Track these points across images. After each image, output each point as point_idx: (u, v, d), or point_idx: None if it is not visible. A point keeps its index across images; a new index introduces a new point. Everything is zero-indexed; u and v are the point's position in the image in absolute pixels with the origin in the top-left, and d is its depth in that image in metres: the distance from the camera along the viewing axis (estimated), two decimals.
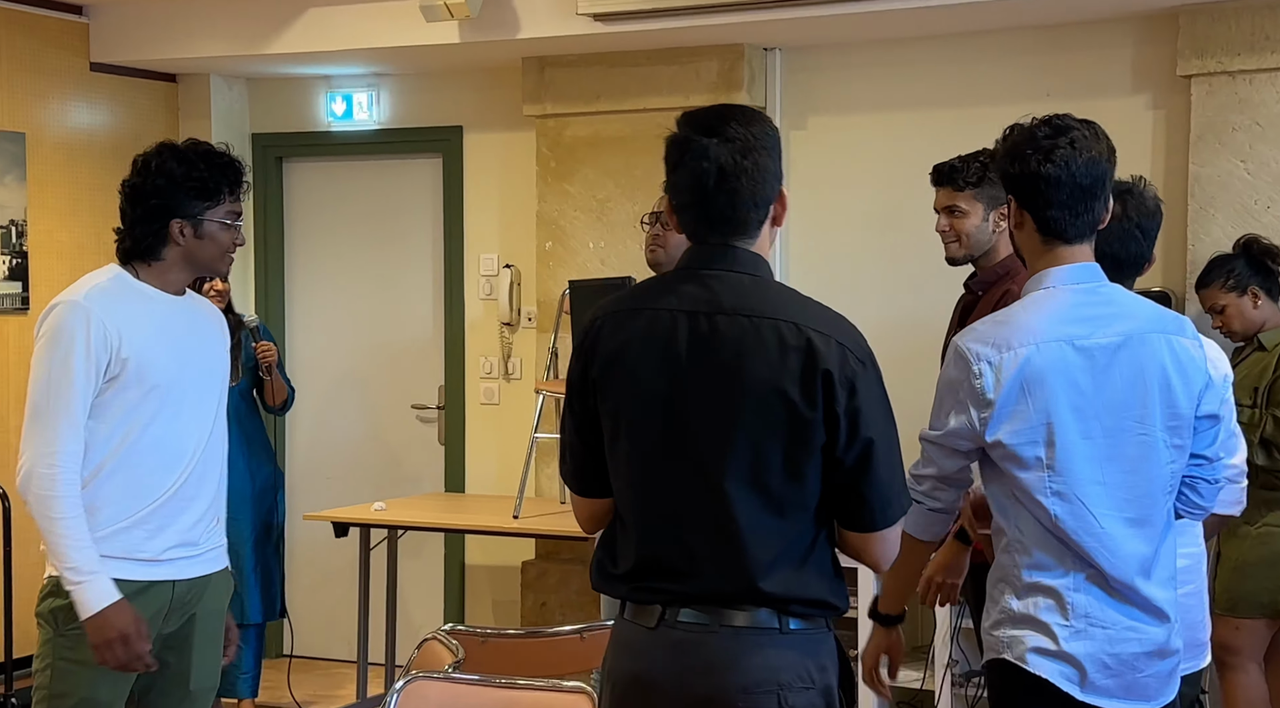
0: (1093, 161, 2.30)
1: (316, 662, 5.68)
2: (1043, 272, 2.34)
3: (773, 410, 1.98)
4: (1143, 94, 4.54)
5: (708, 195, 2.02)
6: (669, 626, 2.03)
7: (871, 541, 2.05)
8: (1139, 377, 2.29)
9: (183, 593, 2.77)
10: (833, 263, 5.00)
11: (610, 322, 2.07)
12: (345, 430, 5.76)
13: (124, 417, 2.69)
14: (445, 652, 2.75)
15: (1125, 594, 2.29)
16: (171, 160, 2.72)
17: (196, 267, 2.78)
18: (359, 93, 5.65)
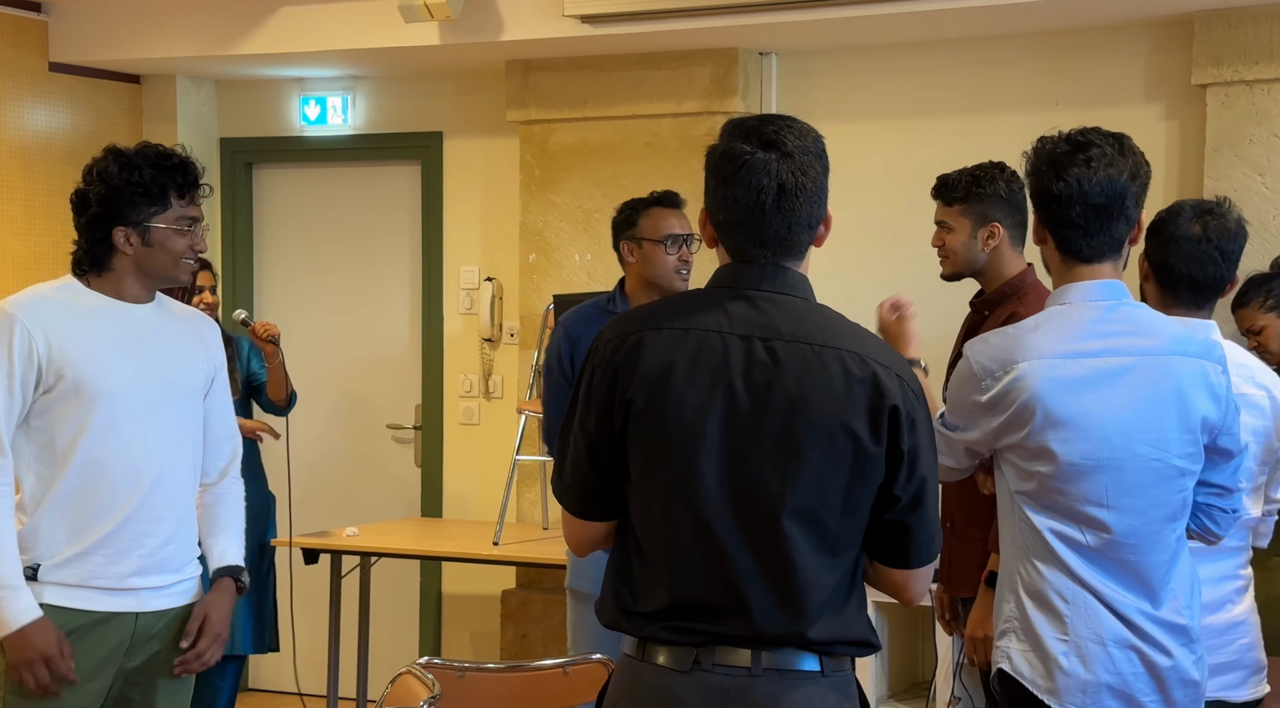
0: (1109, 180, 2.25)
1: (282, 697, 5.45)
2: (1063, 287, 2.34)
3: (837, 445, 1.90)
4: (1156, 104, 4.40)
5: (765, 214, 1.93)
6: (705, 670, 1.91)
7: (911, 577, 2.00)
8: (1153, 400, 2.26)
9: (147, 626, 2.64)
10: (831, 277, 4.80)
11: (653, 340, 1.93)
12: (316, 451, 5.55)
13: (68, 430, 2.57)
14: (421, 687, 2.65)
15: (1125, 616, 2.26)
16: (113, 165, 2.60)
17: (150, 276, 2.65)
18: (333, 96, 5.46)
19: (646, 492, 1.95)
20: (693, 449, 1.91)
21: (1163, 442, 2.26)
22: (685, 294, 2.03)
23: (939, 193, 3.35)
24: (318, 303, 5.60)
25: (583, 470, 1.99)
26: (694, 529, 1.92)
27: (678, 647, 1.93)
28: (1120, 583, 2.25)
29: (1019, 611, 2.30)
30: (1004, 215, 3.21)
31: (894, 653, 4.39)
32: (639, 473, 1.95)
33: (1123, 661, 2.25)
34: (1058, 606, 2.26)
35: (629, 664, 1.97)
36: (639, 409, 1.92)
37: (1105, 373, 2.24)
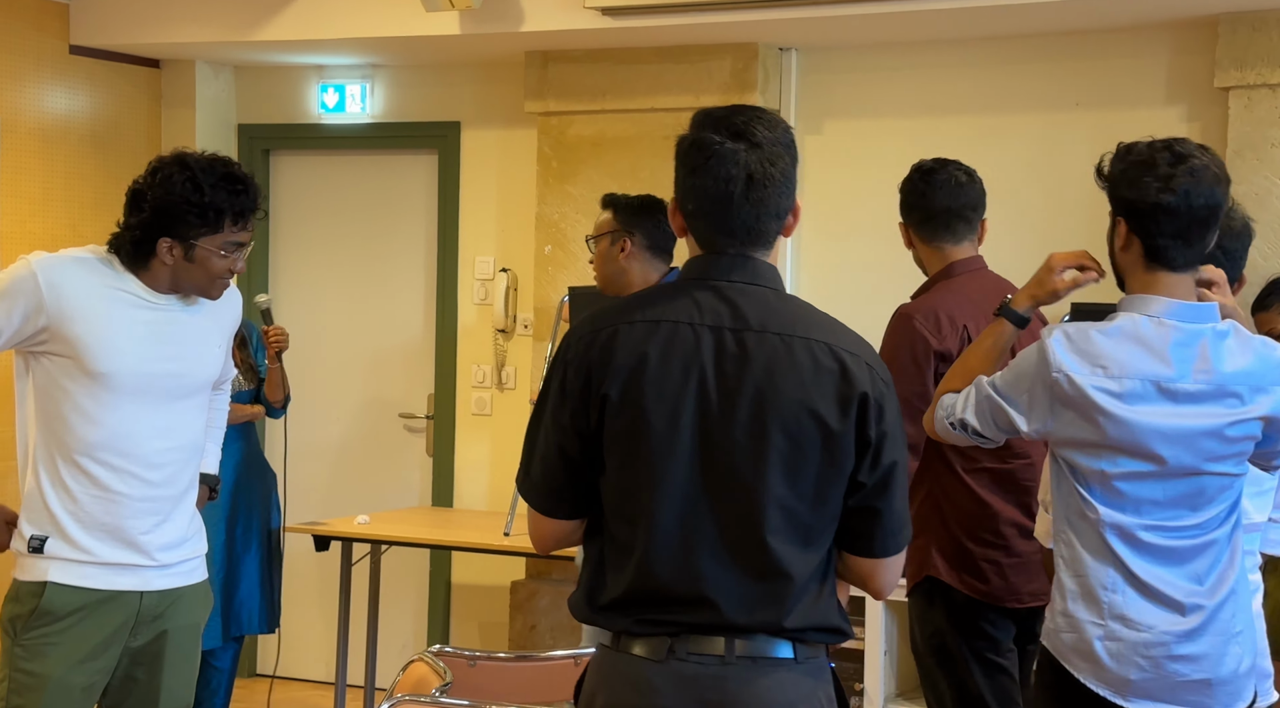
0: (1212, 192, 2.29)
1: (290, 682, 5.46)
2: (1149, 299, 2.32)
3: (806, 433, 1.92)
4: (1177, 106, 4.37)
5: (733, 204, 1.94)
6: (679, 659, 1.93)
7: (879, 567, 2.00)
8: (1206, 428, 2.30)
9: (151, 605, 2.65)
10: (847, 273, 4.83)
11: (625, 333, 1.95)
12: (328, 439, 5.55)
13: (75, 407, 2.58)
14: (432, 674, 2.68)
15: (1162, 599, 2.30)
16: (179, 176, 2.59)
17: (183, 287, 2.67)
18: (352, 84, 5.46)
19: (622, 485, 1.96)
20: (667, 441, 1.92)
21: (1214, 460, 2.30)
22: (657, 287, 2.04)
23: None
24: (332, 291, 5.60)
25: (553, 467, 1.99)
26: (668, 521, 1.93)
27: (652, 638, 1.94)
28: (1159, 582, 2.30)
29: (1062, 588, 2.35)
30: (905, 213, 3.30)
31: (903, 652, 4.38)
32: (615, 466, 1.96)
33: (1158, 643, 2.30)
34: (1093, 585, 2.31)
35: (605, 654, 1.99)
36: (614, 403, 1.93)
37: (1180, 396, 2.28)
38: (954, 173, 3.20)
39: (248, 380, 4.33)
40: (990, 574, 2.87)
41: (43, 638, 2.59)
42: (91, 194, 5.24)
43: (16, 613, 2.59)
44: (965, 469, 2.94)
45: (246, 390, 4.33)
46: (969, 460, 2.94)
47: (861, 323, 5.32)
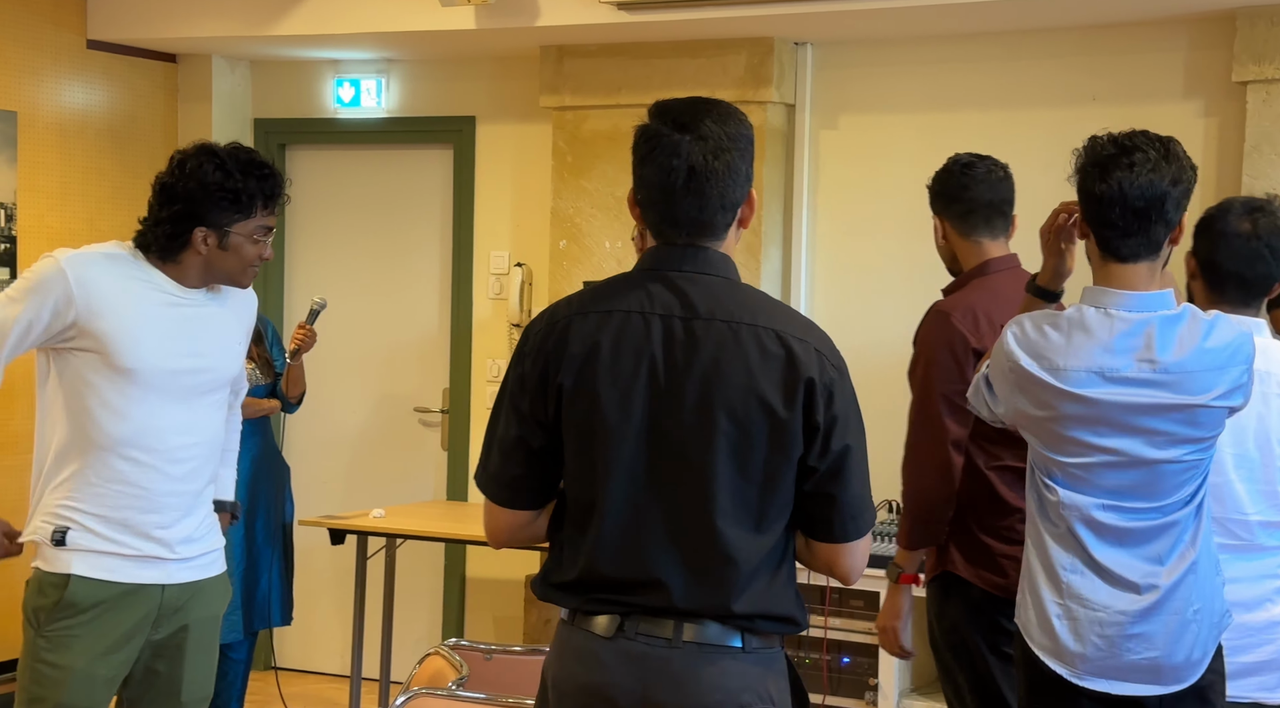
0: (1150, 184, 2.30)
1: (304, 675, 5.47)
2: (1101, 290, 2.37)
3: (753, 418, 1.95)
4: (1194, 100, 4.35)
5: (675, 195, 1.97)
6: (628, 638, 1.97)
7: (841, 552, 2.02)
8: (1161, 416, 2.33)
9: (173, 598, 2.67)
10: (862, 270, 4.82)
11: (579, 323, 1.99)
12: (343, 433, 5.56)
13: (100, 401, 2.59)
14: (448, 668, 2.70)
15: (1118, 581, 2.36)
16: (208, 165, 2.62)
17: (215, 277, 2.69)
18: (367, 78, 5.46)
19: (578, 471, 2.00)
20: (619, 428, 1.96)
21: (1169, 445, 2.34)
22: (612, 278, 2.06)
23: None
24: (348, 285, 5.60)
25: (511, 457, 2.01)
26: (619, 505, 1.96)
27: (602, 615, 1.98)
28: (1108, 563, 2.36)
29: (1028, 572, 2.45)
30: (941, 207, 3.24)
31: (916, 646, 4.36)
32: (572, 454, 2.00)
33: (1110, 621, 2.36)
34: (1055, 566, 2.40)
35: (561, 628, 2.03)
36: (569, 391, 1.97)
37: (1117, 383, 2.32)
38: (993, 167, 3.18)
39: (264, 375, 4.35)
40: (1009, 569, 2.86)
41: (66, 630, 2.60)
42: (109, 189, 5.26)
43: (40, 604, 2.61)
44: (987, 466, 2.94)
45: (262, 385, 4.34)
46: (990, 457, 2.93)
47: (877, 317, 5.35)
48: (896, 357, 4.74)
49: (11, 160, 5.00)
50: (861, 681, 4.30)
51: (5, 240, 5.01)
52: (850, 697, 4.32)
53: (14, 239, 5.03)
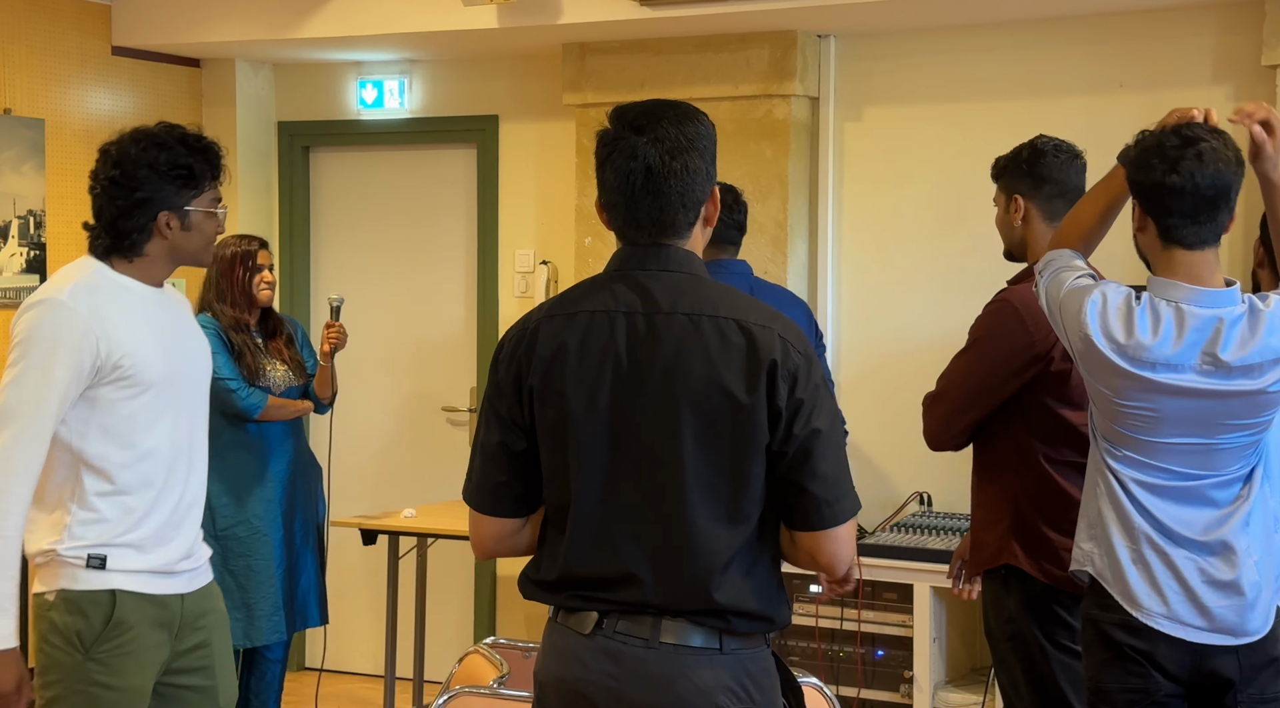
0: (1218, 173, 2.38)
1: (337, 675, 5.49)
2: (1171, 283, 2.42)
3: (716, 409, 1.97)
4: (1224, 85, 4.31)
5: (635, 196, 2.01)
6: (606, 635, 2.00)
7: (821, 540, 2.00)
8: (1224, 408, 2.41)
9: (191, 606, 2.65)
10: (889, 263, 4.79)
11: (546, 326, 2.03)
12: (372, 433, 5.58)
13: (129, 423, 2.56)
14: (488, 666, 2.71)
15: (1184, 538, 2.44)
16: (152, 149, 2.58)
17: (181, 259, 2.66)
18: (390, 79, 5.47)
19: (552, 471, 2.03)
20: (588, 425, 1.99)
21: (1227, 430, 2.42)
22: (581, 282, 2.10)
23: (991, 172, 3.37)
24: (374, 286, 5.62)
25: (494, 463, 2.05)
26: (592, 503, 1.99)
27: (581, 612, 2.01)
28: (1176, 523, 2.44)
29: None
30: (1027, 188, 3.15)
31: (952, 639, 4.36)
32: (545, 454, 2.03)
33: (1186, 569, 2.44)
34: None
35: (547, 626, 2.07)
36: (538, 392, 2.01)
37: (1184, 388, 2.39)
38: (1079, 154, 3.14)
39: (297, 377, 4.36)
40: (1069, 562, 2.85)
41: (120, 649, 2.54)
42: None
43: (81, 627, 2.53)
44: (1049, 459, 2.92)
45: (295, 386, 4.36)
46: (1052, 451, 2.92)
47: (904, 309, 5.32)
48: (923, 348, 4.74)
49: (40, 167, 5.03)
50: (896, 673, 4.28)
51: (35, 247, 5.04)
52: (885, 689, 4.30)
53: (44, 245, 5.06)
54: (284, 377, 4.32)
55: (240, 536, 4.23)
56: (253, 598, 4.22)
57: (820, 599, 3.17)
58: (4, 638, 2.45)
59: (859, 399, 4.66)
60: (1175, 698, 2.42)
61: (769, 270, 4.74)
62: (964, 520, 4.40)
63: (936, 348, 4.87)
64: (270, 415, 4.23)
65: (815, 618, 4.29)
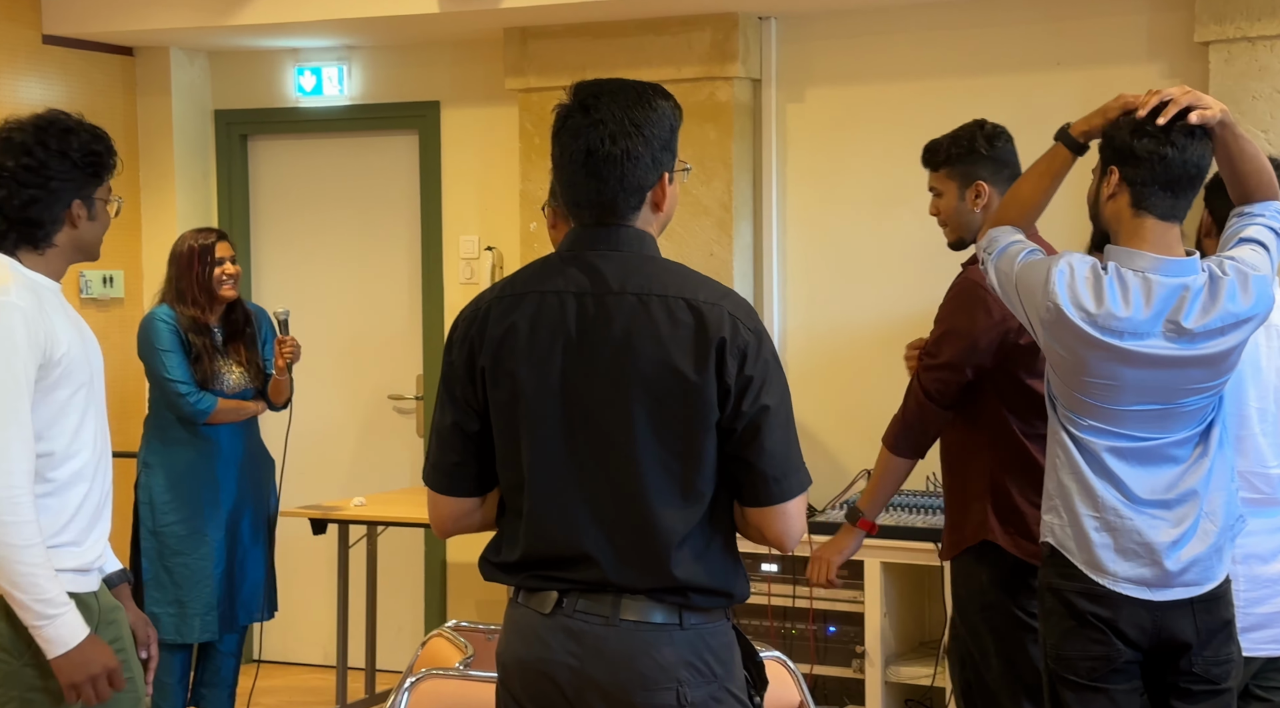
0: (1203, 154, 2.45)
1: (290, 667, 5.44)
2: (1137, 252, 2.45)
3: (667, 387, 1.97)
4: (1157, 62, 4.39)
5: (576, 177, 2.02)
6: (566, 614, 2.00)
7: (770, 516, 2.02)
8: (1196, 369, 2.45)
9: (105, 600, 2.59)
10: (833, 243, 4.83)
11: (497, 307, 2.04)
12: (319, 423, 5.53)
13: (64, 421, 2.50)
14: (452, 649, 2.70)
15: (1145, 499, 2.48)
16: (63, 136, 2.53)
17: (82, 251, 2.61)
18: (328, 66, 5.42)
19: (506, 454, 2.04)
20: (539, 406, 2.00)
21: (1189, 394, 2.47)
22: (533, 262, 2.09)
23: (926, 159, 3.35)
24: (316, 275, 5.57)
25: (449, 444, 2.06)
26: (546, 484, 2.00)
27: (542, 592, 2.02)
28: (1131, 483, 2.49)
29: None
30: (989, 173, 3.18)
31: (900, 613, 4.41)
32: (498, 436, 2.04)
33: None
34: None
35: (508, 606, 2.09)
36: (491, 374, 2.02)
37: (1148, 356, 2.43)
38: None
39: (252, 379, 4.30)
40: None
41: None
42: None
43: (21, 630, 2.44)
44: (1025, 433, 2.96)
45: (249, 388, 4.30)
46: (1027, 426, 2.96)
47: (850, 289, 5.35)
48: (868, 327, 4.79)
49: None
50: (848, 649, 4.32)
51: None
52: (837, 665, 4.34)
53: None
54: (239, 379, 4.26)
55: (179, 533, 4.18)
56: (186, 595, 4.17)
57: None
58: (81, 626, 2.44)
59: (805, 379, 4.69)
60: (1133, 664, 2.46)
61: (714, 253, 4.76)
62: (911, 497, 4.45)
63: (881, 327, 4.93)
64: (220, 418, 4.19)
65: (768, 596, 4.32)
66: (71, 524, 2.51)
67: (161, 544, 4.16)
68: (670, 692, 1.97)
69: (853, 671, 4.30)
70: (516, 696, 2.05)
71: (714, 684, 2.00)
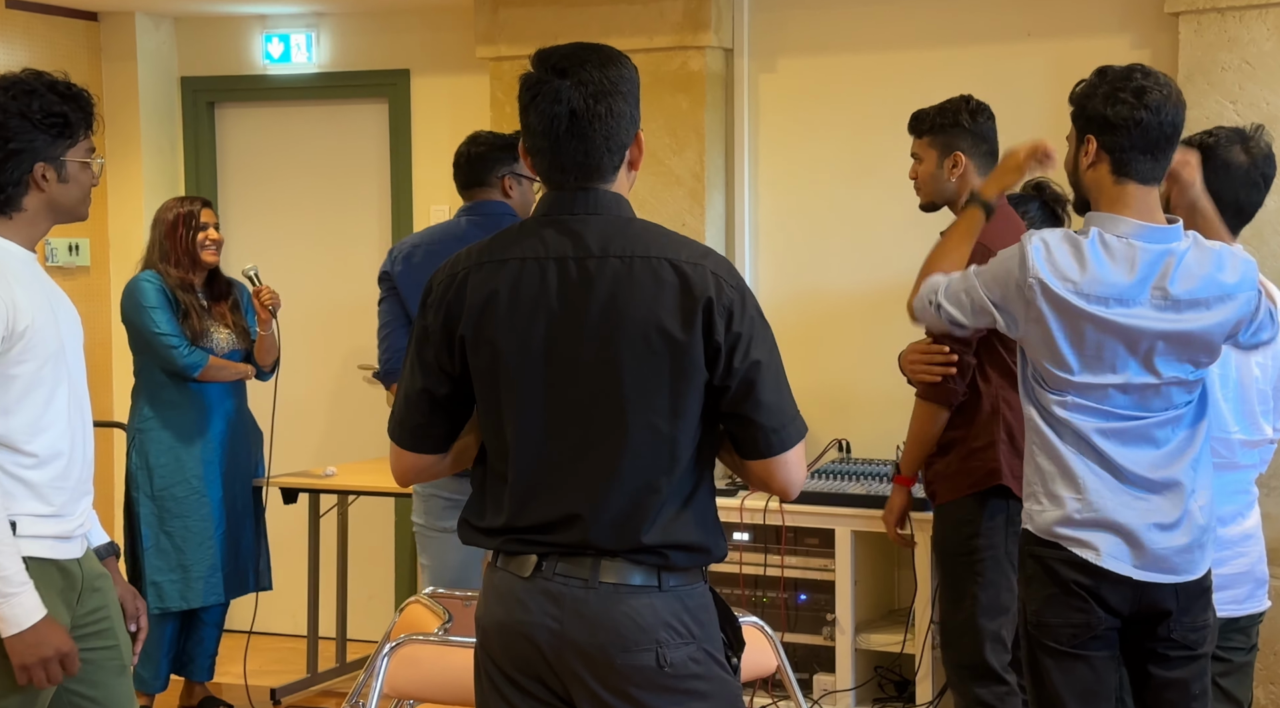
0: (1176, 110, 2.46)
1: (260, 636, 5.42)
2: (1119, 218, 2.45)
3: (653, 348, 1.99)
4: (1128, 33, 4.41)
5: (559, 140, 2.01)
6: (545, 578, 2.02)
7: (772, 467, 2.05)
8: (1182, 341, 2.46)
9: (88, 567, 2.57)
10: (805, 213, 4.84)
11: (476, 274, 2.04)
12: (287, 392, 5.46)
13: (34, 393, 2.46)
14: (430, 615, 2.72)
15: (1130, 476, 2.48)
16: (22, 97, 2.47)
17: (59, 214, 2.56)
18: (297, 33, 5.37)
19: (489, 419, 2.04)
20: (522, 372, 2.00)
21: (1174, 368, 2.46)
22: (509, 227, 2.09)
23: (911, 126, 3.47)
24: (285, 244, 5.53)
25: (415, 405, 2.07)
26: (531, 448, 2.01)
27: (521, 555, 2.03)
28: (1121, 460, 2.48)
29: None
30: (969, 145, 3.33)
31: (870, 581, 4.44)
32: (480, 403, 2.05)
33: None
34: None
35: (487, 570, 2.10)
36: (471, 341, 2.02)
37: (1136, 328, 2.43)
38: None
39: (240, 342, 4.33)
40: None
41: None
42: None
43: None
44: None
45: (238, 350, 4.32)
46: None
47: (822, 259, 5.36)
48: (840, 297, 4.80)
49: None
50: (819, 616, 4.35)
51: None
52: (808, 632, 4.37)
53: None
54: (227, 340, 4.30)
55: (179, 496, 4.20)
56: (189, 559, 4.18)
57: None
58: (38, 607, 2.40)
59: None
60: (1113, 631, 2.47)
61: (687, 223, 4.75)
62: (882, 466, 4.48)
63: (854, 296, 4.95)
64: (210, 376, 4.22)
65: (739, 564, 4.34)
66: (52, 495, 2.49)
67: (161, 509, 4.19)
68: (650, 653, 1.99)
69: (823, 638, 4.34)
70: (496, 659, 2.06)
71: (692, 645, 2.01)
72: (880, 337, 4.32)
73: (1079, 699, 2.46)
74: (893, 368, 3.45)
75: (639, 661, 1.98)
